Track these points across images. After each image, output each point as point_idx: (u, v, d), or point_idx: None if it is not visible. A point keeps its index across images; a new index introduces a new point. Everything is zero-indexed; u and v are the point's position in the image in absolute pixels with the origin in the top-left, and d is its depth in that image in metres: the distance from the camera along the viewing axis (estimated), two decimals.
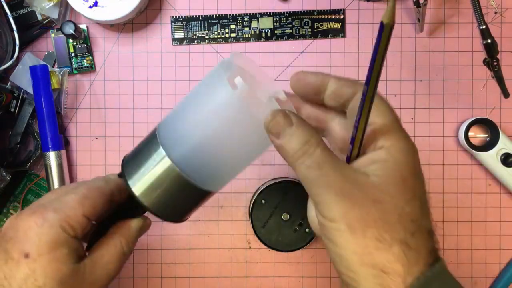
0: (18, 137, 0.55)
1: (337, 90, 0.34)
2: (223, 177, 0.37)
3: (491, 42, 0.48)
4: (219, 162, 0.35)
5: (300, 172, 0.31)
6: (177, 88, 0.58)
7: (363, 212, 0.29)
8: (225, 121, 0.33)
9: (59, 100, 0.56)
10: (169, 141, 0.35)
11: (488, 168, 0.56)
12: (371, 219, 0.29)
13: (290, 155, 0.31)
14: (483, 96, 0.58)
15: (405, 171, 0.31)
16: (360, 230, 0.29)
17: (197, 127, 0.33)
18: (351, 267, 0.29)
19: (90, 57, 0.57)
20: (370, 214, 0.29)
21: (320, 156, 0.30)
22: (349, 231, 0.29)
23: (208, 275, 0.58)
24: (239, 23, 0.57)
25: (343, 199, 0.29)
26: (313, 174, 0.30)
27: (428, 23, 0.57)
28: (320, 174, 0.30)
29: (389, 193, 0.30)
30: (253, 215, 0.52)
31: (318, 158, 0.30)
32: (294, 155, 0.31)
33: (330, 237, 0.30)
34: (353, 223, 0.29)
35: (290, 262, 0.58)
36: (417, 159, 0.33)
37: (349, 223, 0.29)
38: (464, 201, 0.58)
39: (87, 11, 0.53)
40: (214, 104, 0.33)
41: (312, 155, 0.30)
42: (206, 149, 0.34)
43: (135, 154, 0.37)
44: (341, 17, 0.57)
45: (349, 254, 0.29)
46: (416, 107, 0.58)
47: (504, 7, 0.57)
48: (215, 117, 0.33)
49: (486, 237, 0.58)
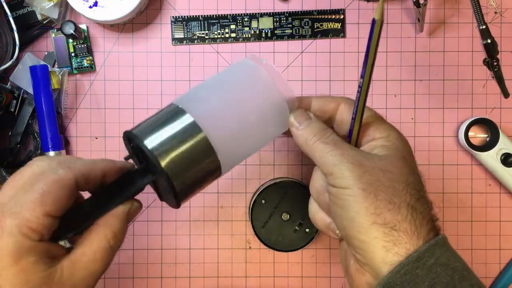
0: (18, 137, 0.55)
1: (321, 108, 0.39)
2: (237, 155, 0.37)
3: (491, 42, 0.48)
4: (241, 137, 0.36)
5: (318, 149, 0.36)
6: (177, 88, 0.58)
7: (374, 178, 0.33)
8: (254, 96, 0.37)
9: (59, 100, 0.56)
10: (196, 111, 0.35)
11: (488, 168, 0.56)
12: (381, 184, 0.33)
13: (309, 138, 0.36)
14: (483, 96, 0.58)
15: (403, 152, 0.36)
16: (373, 193, 0.33)
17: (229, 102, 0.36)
18: (363, 228, 0.33)
19: (90, 57, 0.57)
20: (380, 181, 0.33)
21: (335, 137, 0.36)
22: (362, 194, 0.33)
23: (208, 275, 0.58)
24: (239, 23, 0.57)
25: (356, 166, 0.33)
26: (330, 147, 0.35)
27: (428, 23, 0.57)
28: (336, 147, 0.35)
29: (395, 165, 0.34)
30: (253, 215, 0.52)
31: (334, 138, 0.36)
32: (313, 137, 0.36)
33: (343, 204, 0.33)
34: (366, 187, 0.33)
35: (290, 262, 0.58)
36: (408, 144, 0.38)
37: (363, 187, 0.33)
38: (464, 201, 0.58)
39: (87, 11, 0.53)
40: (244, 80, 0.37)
41: (329, 137, 0.36)
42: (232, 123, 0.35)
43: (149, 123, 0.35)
44: (341, 17, 0.57)
45: (362, 216, 0.32)
46: (416, 107, 0.58)
47: (504, 7, 0.57)
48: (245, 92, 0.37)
49: (486, 237, 0.58)
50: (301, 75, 0.58)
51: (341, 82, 0.58)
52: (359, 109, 0.36)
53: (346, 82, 0.58)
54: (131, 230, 0.57)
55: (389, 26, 0.58)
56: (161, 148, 0.33)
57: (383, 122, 0.38)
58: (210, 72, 0.58)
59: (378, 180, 0.33)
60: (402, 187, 0.33)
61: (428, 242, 0.32)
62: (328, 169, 0.35)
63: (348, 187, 0.33)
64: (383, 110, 0.58)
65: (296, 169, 0.57)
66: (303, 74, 0.58)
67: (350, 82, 0.58)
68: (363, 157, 0.34)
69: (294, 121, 0.38)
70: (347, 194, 0.33)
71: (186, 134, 0.34)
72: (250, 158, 0.57)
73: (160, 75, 0.58)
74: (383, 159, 0.34)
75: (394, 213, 0.32)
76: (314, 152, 0.36)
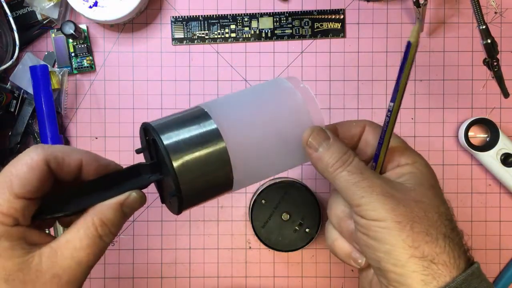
0: (18, 137, 0.55)
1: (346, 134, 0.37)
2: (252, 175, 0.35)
3: (491, 42, 0.48)
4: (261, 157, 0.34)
5: (342, 179, 0.33)
6: (177, 88, 0.58)
7: (408, 210, 0.31)
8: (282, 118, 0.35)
9: (59, 100, 0.56)
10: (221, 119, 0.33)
11: (488, 168, 0.56)
12: (416, 216, 0.31)
13: (330, 165, 0.33)
14: (483, 96, 0.58)
15: (432, 180, 0.34)
16: (409, 225, 0.31)
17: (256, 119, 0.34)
18: (400, 261, 0.31)
19: (90, 57, 0.57)
20: (414, 212, 0.31)
21: (359, 163, 0.33)
22: (398, 227, 0.31)
23: (208, 275, 0.58)
24: (239, 23, 0.57)
25: (387, 198, 0.32)
26: (356, 178, 0.32)
27: (428, 23, 0.57)
28: (363, 177, 0.32)
29: (425, 195, 0.33)
30: (253, 215, 0.52)
31: (358, 164, 0.33)
32: (335, 164, 0.33)
33: (376, 236, 0.32)
34: (401, 220, 0.31)
35: (290, 262, 0.58)
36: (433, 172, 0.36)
37: (397, 220, 0.31)
38: (464, 201, 0.58)
39: (87, 11, 0.53)
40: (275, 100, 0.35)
41: (352, 163, 0.33)
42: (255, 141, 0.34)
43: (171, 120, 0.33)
44: (341, 17, 0.57)
45: (398, 249, 0.31)
46: (416, 107, 0.58)
47: (504, 7, 0.57)
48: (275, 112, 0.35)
49: (486, 237, 0.58)
50: (301, 75, 0.58)
51: (341, 82, 0.58)
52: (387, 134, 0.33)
53: (346, 82, 0.58)
54: (131, 230, 0.57)
55: (389, 26, 0.58)
56: (177, 147, 0.31)
57: (409, 149, 0.36)
58: (210, 72, 0.58)
59: (412, 211, 0.31)
60: (436, 218, 0.32)
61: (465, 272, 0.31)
62: (355, 200, 0.32)
63: (381, 220, 0.31)
64: (383, 110, 0.58)
65: (296, 169, 0.57)
66: (303, 74, 0.58)
67: (350, 82, 0.58)
68: (393, 188, 0.32)
69: (313, 141, 0.34)
70: (381, 226, 0.31)
71: (206, 140, 0.32)
72: None
73: (160, 75, 0.58)
74: (413, 189, 0.33)
75: (432, 245, 0.31)
76: (336, 181, 0.33)
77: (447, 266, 0.31)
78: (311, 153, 0.34)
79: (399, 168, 0.34)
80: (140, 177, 0.33)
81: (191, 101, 0.58)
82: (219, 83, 0.58)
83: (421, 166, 0.34)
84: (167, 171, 0.32)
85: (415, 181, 0.33)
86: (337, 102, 0.58)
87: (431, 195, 0.33)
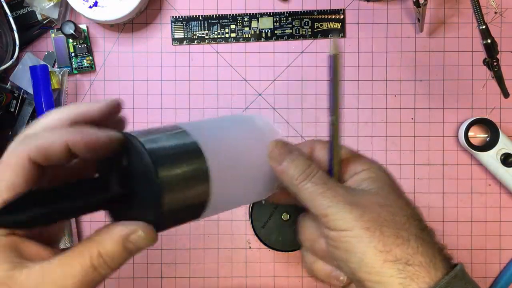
0: None
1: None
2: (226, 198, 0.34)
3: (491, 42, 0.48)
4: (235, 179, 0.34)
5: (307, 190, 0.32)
6: (177, 88, 0.58)
7: (375, 215, 0.31)
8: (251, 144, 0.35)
9: (59, 100, 0.56)
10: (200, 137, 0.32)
11: (488, 168, 0.56)
12: (384, 220, 0.31)
13: (294, 178, 0.33)
14: (483, 96, 0.58)
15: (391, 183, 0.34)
16: (378, 230, 0.30)
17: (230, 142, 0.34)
18: (375, 268, 0.30)
19: (90, 57, 0.57)
20: (381, 216, 0.31)
21: (323, 175, 0.33)
22: (367, 234, 0.30)
23: (208, 275, 0.58)
24: (239, 23, 0.57)
25: (353, 206, 0.31)
26: (321, 188, 0.32)
27: (428, 23, 0.57)
28: (327, 187, 0.32)
29: (389, 198, 0.32)
30: (253, 215, 0.52)
31: (322, 176, 0.33)
32: (299, 177, 0.33)
33: (346, 247, 0.31)
34: (368, 225, 0.30)
35: (290, 262, 0.58)
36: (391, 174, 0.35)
37: (365, 226, 0.30)
38: (464, 201, 0.58)
39: (87, 11, 0.53)
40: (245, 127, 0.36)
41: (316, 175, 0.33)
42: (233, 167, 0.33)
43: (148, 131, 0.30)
44: (341, 17, 0.57)
45: (371, 256, 0.30)
46: (416, 107, 0.58)
47: (504, 7, 0.57)
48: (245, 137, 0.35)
49: (486, 237, 0.58)
50: (301, 75, 0.58)
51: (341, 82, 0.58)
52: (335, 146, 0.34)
53: (346, 82, 0.58)
54: None
55: (389, 26, 0.58)
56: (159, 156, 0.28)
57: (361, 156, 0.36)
58: (210, 72, 0.58)
59: (380, 216, 0.31)
60: (405, 220, 0.31)
61: (448, 274, 0.30)
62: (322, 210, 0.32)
63: (350, 229, 0.31)
64: (383, 110, 0.58)
65: None
66: (303, 74, 0.58)
67: (350, 82, 0.58)
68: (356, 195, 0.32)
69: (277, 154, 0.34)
70: (350, 236, 0.31)
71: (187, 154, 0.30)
72: None
73: (160, 75, 0.58)
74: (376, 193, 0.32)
75: (404, 247, 0.30)
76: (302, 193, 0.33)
77: (424, 266, 0.30)
78: (275, 166, 0.34)
79: (356, 175, 0.34)
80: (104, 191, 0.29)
81: (191, 101, 0.58)
82: (219, 83, 0.58)
83: (377, 170, 0.34)
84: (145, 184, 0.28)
85: (376, 185, 0.33)
86: None
87: (395, 197, 0.32)
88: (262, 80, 0.58)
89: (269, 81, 0.58)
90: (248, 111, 0.58)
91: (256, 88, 0.58)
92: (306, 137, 0.58)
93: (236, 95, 0.58)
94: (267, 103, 0.58)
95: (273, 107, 0.58)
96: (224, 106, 0.58)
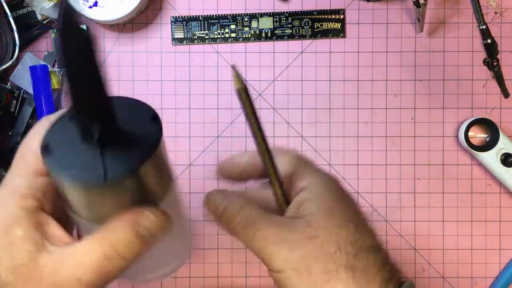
0: (18, 137, 0.55)
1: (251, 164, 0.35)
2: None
3: (491, 42, 0.48)
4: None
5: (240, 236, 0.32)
6: (177, 88, 0.58)
7: (303, 251, 0.30)
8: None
9: (59, 100, 0.56)
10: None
11: (488, 168, 0.56)
12: (311, 256, 0.30)
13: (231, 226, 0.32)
14: (483, 96, 0.58)
15: (329, 201, 0.32)
16: (305, 270, 0.29)
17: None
18: None
19: None
20: (309, 251, 0.30)
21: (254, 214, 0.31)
22: (296, 275, 0.29)
23: (208, 275, 0.58)
24: (239, 23, 0.57)
25: (283, 246, 0.30)
26: (250, 232, 0.31)
27: (428, 23, 0.57)
28: (256, 230, 0.31)
29: (321, 226, 0.30)
30: None
31: (252, 216, 0.31)
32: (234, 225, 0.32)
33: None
34: (296, 266, 0.30)
35: None
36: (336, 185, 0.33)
37: (293, 267, 0.30)
38: (464, 201, 0.58)
39: (87, 11, 0.53)
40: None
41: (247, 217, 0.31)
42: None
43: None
44: (341, 17, 0.57)
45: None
46: (416, 107, 0.58)
47: (504, 7, 0.57)
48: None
49: (486, 237, 0.58)
50: (301, 75, 0.58)
51: (341, 82, 0.58)
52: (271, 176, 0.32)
53: (346, 82, 0.58)
54: None
55: (389, 26, 0.58)
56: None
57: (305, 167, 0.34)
58: (210, 72, 0.58)
59: (307, 252, 0.30)
60: (334, 249, 0.30)
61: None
62: (258, 254, 0.31)
63: (281, 271, 0.30)
64: (383, 110, 0.58)
65: None
66: (303, 74, 0.58)
67: (350, 82, 0.58)
68: (287, 231, 0.30)
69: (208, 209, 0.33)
70: (283, 278, 0.30)
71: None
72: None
73: (160, 75, 0.58)
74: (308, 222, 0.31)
75: (334, 282, 0.29)
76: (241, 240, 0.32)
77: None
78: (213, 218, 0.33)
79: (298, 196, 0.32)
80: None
81: (191, 101, 0.58)
82: (219, 83, 0.58)
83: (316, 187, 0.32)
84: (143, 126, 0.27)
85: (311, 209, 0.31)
86: (337, 102, 0.58)
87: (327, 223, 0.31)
88: (262, 80, 0.58)
89: (269, 81, 0.58)
90: None
91: (256, 88, 0.58)
92: (306, 137, 0.58)
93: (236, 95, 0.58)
94: (267, 103, 0.58)
95: (273, 107, 0.58)
96: (224, 106, 0.58)
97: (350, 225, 0.31)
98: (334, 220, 0.31)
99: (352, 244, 0.30)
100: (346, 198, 0.33)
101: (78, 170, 0.25)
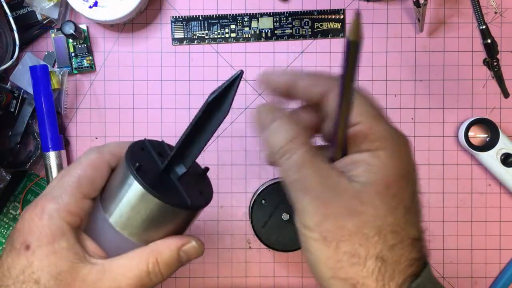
0: (18, 137, 0.55)
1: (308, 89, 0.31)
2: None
3: (491, 42, 0.48)
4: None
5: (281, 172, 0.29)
6: (177, 88, 0.58)
7: (339, 224, 0.27)
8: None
9: (59, 100, 0.56)
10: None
11: (488, 168, 0.56)
12: (346, 232, 0.27)
13: (275, 151, 0.29)
14: (483, 96, 0.58)
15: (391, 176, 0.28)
16: (334, 243, 0.27)
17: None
18: (324, 277, 0.28)
19: (90, 57, 0.57)
20: (345, 227, 0.27)
21: (302, 156, 0.28)
22: (323, 243, 0.28)
23: (208, 275, 0.58)
24: (239, 23, 0.57)
25: (319, 207, 0.28)
26: (292, 177, 0.28)
27: (428, 23, 0.57)
28: (299, 177, 0.28)
29: (370, 203, 0.28)
30: (253, 215, 0.52)
31: (299, 159, 0.28)
32: (279, 151, 0.29)
33: (306, 246, 0.29)
34: (327, 235, 0.28)
35: (290, 262, 0.58)
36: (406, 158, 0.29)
37: (324, 235, 0.28)
38: (464, 201, 0.58)
39: (87, 11, 0.53)
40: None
41: (293, 156, 0.28)
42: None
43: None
44: (341, 17, 0.57)
45: (322, 265, 0.28)
46: (416, 107, 0.58)
47: (504, 7, 0.57)
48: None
49: (486, 237, 0.58)
50: None
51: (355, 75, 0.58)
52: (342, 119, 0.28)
53: None
54: None
55: (389, 26, 0.58)
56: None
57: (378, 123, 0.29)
58: (210, 72, 0.58)
59: (344, 226, 0.27)
60: (374, 233, 0.27)
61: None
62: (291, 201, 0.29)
63: (310, 229, 0.28)
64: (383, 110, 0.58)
65: None
66: None
67: None
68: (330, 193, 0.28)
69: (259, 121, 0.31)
70: (309, 237, 0.28)
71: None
72: (250, 158, 0.57)
73: (160, 75, 0.58)
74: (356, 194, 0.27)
75: (358, 268, 0.27)
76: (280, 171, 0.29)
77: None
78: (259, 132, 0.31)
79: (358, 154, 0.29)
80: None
81: (191, 101, 0.58)
82: (219, 83, 0.58)
83: (385, 156, 0.28)
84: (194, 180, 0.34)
85: (367, 178, 0.28)
86: None
87: (379, 202, 0.27)
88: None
89: None
90: (248, 111, 0.58)
91: (256, 88, 0.58)
92: None
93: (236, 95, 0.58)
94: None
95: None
96: None
97: (400, 211, 0.28)
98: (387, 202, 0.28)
99: (394, 233, 0.28)
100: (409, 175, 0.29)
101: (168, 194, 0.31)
